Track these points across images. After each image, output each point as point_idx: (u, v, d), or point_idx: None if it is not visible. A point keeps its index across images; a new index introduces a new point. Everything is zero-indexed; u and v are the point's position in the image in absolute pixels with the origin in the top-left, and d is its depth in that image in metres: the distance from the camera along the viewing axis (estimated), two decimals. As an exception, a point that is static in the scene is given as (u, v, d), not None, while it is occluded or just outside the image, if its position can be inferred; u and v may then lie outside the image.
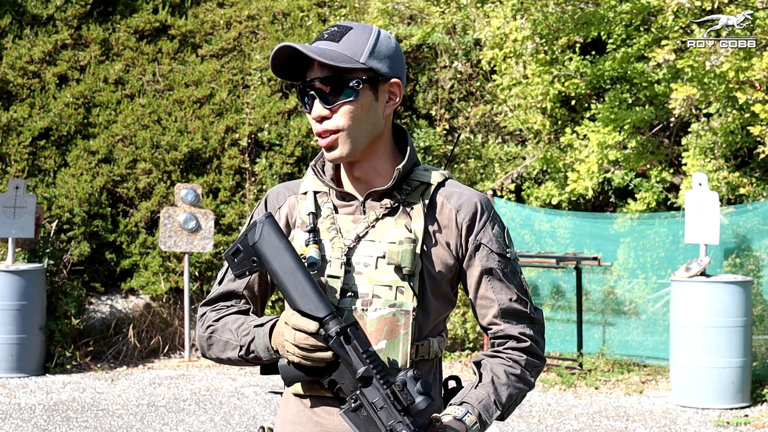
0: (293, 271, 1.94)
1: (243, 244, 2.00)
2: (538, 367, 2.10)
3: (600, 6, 8.94)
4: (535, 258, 8.61)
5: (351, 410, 1.92)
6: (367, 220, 2.04)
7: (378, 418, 1.90)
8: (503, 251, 2.07)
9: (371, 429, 1.91)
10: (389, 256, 1.99)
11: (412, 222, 2.03)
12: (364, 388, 1.91)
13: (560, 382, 8.06)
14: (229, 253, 2.02)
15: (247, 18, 10.84)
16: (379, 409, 1.90)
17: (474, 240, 2.06)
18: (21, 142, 9.63)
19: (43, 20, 10.37)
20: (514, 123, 10.12)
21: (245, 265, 2.00)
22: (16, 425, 6.68)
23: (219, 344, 2.08)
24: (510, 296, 2.07)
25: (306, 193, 2.10)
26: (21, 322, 8.21)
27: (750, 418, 7.00)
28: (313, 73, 2.00)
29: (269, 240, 1.96)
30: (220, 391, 7.82)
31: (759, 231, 8.08)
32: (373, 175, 2.07)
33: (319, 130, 2.01)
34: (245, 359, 2.04)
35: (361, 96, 2.00)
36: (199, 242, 8.89)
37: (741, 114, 8.44)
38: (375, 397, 1.91)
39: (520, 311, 2.07)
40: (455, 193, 2.08)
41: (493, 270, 2.06)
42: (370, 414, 1.91)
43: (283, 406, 2.09)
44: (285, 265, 1.95)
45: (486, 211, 2.08)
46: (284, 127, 10.05)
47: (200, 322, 2.13)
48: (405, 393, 1.89)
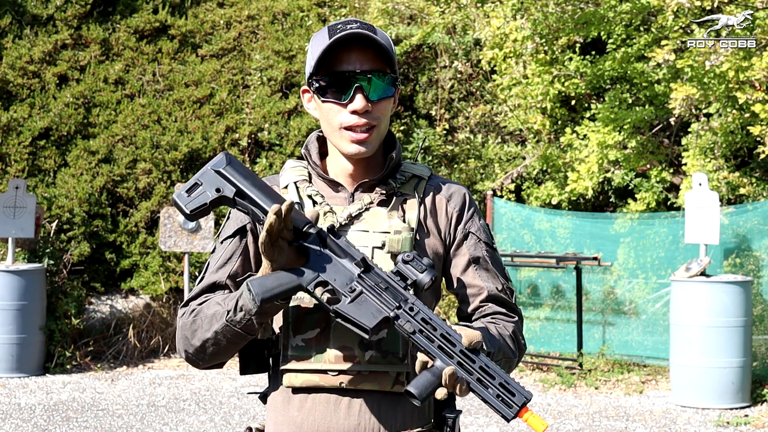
0: (265, 187, 1.89)
1: (205, 177, 1.89)
2: (521, 348, 2.07)
3: (600, 6, 8.94)
4: (535, 258, 8.61)
5: (349, 302, 1.84)
6: (362, 202, 2.04)
7: (383, 299, 1.84)
8: (490, 241, 2.11)
9: (373, 312, 1.83)
10: (389, 244, 1.98)
11: (407, 213, 2.04)
12: (364, 273, 1.86)
13: (560, 382, 8.06)
14: (183, 191, 1.90)
15: (247, 18, 10.85)
16: (383, 290, 1.85)
17: (463, 229, 2.09)
18: (21, 142, 9.63)
19: (43, 20, 10.37)
20: (514, 123, 10.12)
21: (204, 198, 1.89)
22: (16, 425, 6.68)
23: (204, 323, 1.95)
24: (497, 285, 2.09)
25: (287, 186, 2.08)
26: (21, 322, 8.21)
27: (750, 418, 6.99)
28: (361, 65, 1.98)
29: (239, 163, 1.91)
30: (220, 391, 7.82)
31: (759, 231, 8.08)
32: (364, 170, 2.08)
33: (360, 122, 1.98)
34: (231, 324, 1.90)
35: (394, 94, 2.03)
36: (199, 242, 8.89)
37: (741, 114, 8.44)
38: (377, 280, 1.86)
39: (506, 301, 2.09)
40: (444, 185, 2.12)
41: (481, 259, 2.08)
42: (372, 298, 1.84)
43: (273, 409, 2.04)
44: (259, 182, 1.90)
45: (473, 203, 2.13)
46: (284, 127, 10.05)
47: (181, 320, 2.01)
48: (415, 263, 1.85)
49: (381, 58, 1.99)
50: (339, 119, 1.99)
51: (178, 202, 1.90)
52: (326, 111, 2.02)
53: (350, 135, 1.99)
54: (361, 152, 2.00)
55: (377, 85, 1.99)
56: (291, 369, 1.98)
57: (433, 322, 1.82)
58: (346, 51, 1.98)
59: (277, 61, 10.41)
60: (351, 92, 1.97)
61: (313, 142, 2.12)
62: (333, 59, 1.99)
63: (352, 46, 1.98)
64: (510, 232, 9.23)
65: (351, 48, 1.98)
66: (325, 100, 2.00)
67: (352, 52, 1.97)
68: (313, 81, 2.02)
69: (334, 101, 1.99)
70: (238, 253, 2.05)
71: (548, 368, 8.56)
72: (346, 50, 1.98)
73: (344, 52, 1.98)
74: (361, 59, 1.98)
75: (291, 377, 1.99)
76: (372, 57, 1.98)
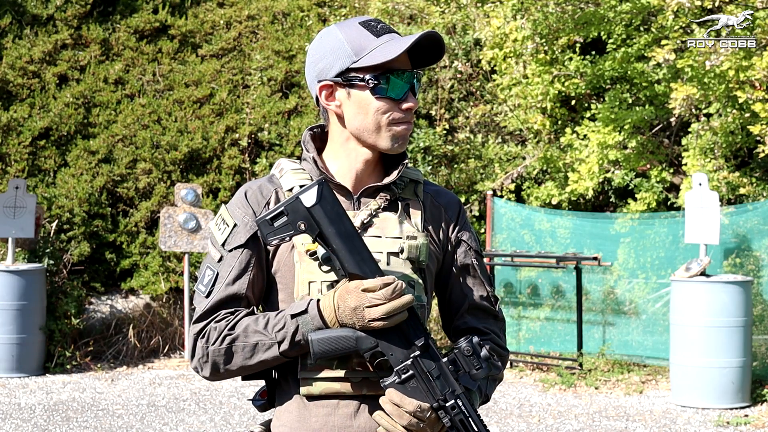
0: (352, 236, 1.89)
1: (291, 208, 1.89)
2: (501, 355, 2.12)
3: (600, 6, 8.94)
4: (535, 258, 8.61)
5: (398, 382, 1.87)
6: (369, 208, 2.03)
7: (431, 387, 1.87)
8: (479, 249, 2.15)
9: (418, 398, 1.87)
10: (408, 250, 1.99)
11: (412, 219, 2.06)
12: (421, 357, 1.88)
13: (560, 382, 8.06)
14: (267, 218, 1.90)
15: (247, 18, 10.85)
16: (434, 378, 1.88)
17: (456, 237, 2.12)
18: (21, 142, 9.63)
19: (43, 20, 10.38)
20: (514, 123, 10.12)
21: (287, 230, 1.89)
22: (16, 425, 6.68)
23: (245, 351, 1.94)
24: (481, 293, 2.12)
25: (292, 189, 2.04)
26: (21, 322, 8.21)
27: (750, 418, 6.99)
28: (409, 64, 2.03)
29: (329, 202, 1.89)
30: (220, 391, 7.82)
31: (759, 231, 8.08)
32: (370, 173, 2.07)
33: (408, 117, 2.02)
34: (286, 355, 1.93)
35: None
36: (199, 242, 8.89)
37: (741, 114, 8.44)
38: (431, 366, 1.88)
39: (487, 308, 2.13)
40: (440, 192, 2.15)
41: (469, 266, 2.12)
42: (422, 384, 1.87)
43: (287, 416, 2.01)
44: (344, 230, 1.88)
45: (464, 211, 2.16)
46: (284, 127, 10.05)
47: (203, 339, 1.98)
48: (473, 358, 1.88)
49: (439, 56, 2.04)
50: (390, 116, 2.00)
51: (262, 230, 1.92)
52: (374, 108, 2.00)
53: (395, 130, 2.01)
54: (400, 148, 2.03)
55: (419, 85, 2.05)
56: (311, 377, 1.96)
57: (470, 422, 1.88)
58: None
59: (277, 61, 10.41)
60: (407, 90, 2.01)
61: (310, 143, 2.09)
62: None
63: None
64: (510, 232, 9.23)
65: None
66: (380, 97, 1.99)
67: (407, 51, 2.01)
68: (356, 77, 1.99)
69: (389, 99, 2.00)
70: (253, 262, 2.01)
71: (548, 368, 8.56)
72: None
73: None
74: (408, 59, 2.03)
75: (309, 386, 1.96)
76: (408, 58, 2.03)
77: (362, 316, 1.86)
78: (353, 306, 1.86)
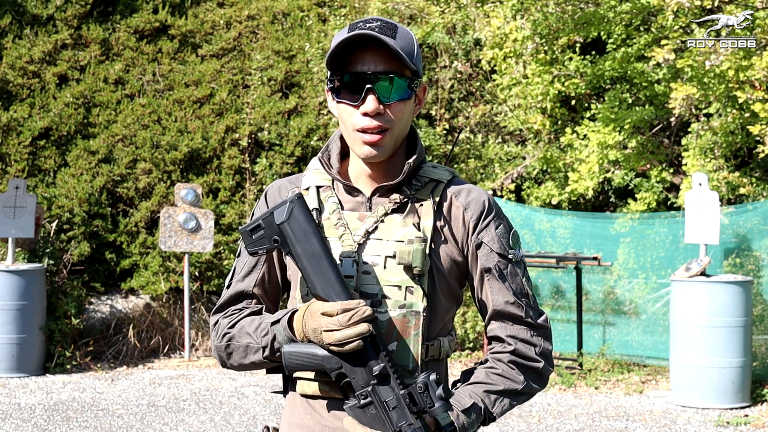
0: (318, 257, 1.88)
1: (266, 222, 1.92)
2: (528, 367, 2.02)
3: (600, 6, 8.94)
4: (535, 258, 8.61)
5: (358, 406, 1.88)
6: (376, 214, 2.00)
7: (388, 417, 1.87)
8: (505, 251, 2.03)
9: (377, 427, 1.87)
10: (399, 255, 1.95)
11: (422, 220, 2.00)
12: (379, 385, 1.87)
13: (560, 382, 8.06)
14: (247, 229, 1.93)
15: (247, 18, 10.85)
16: (391, 408, 1.87)
17: (476, 238, 2.03)
18: (21, 142, 9.63)
19: (43, 20, 10.38)
20: (514, 123, 10.12)
21: (263, 243, 1.92)
22: (16, 425, 6.68)
23: (239, 351, 2.00)
24: (506, 298, 2.03)
25: (309, 188, 2.05)
26: (21, 322, 8.22)
27: (750, 418, 6.99)
28: (375, 66, 1.93)
29: (298, 221, 1.89)
30: (220, 391, 7.82)
31: (759, 231, 8.08)
32: (384, 173, 2.04)
33: (372, 125, 1.94)
34: (271, 360, 1.97)
35: (411, 96, 1.98)
36: (199, 242, 8.89)
37: (741, 113, 8.44)
38: (388, 396, 1.87)
39: (514, 315, 2.03)
40: (463, 191, 2.05)
41: (491, 269, 2.02)
42: (380, 412, 1.87)
43: (289, 408, 2.05)
44: (311, 249, 1.88)
45: (492, 211, 2.05)
46: (284, 127, 10.05)
47: (214, 332, 2.06)
48: (425, 396, 1.85)
49: (397, 59, 1.94)
50: (352, 121, 1.95)
51: (244, 240, 1.96)
52: (341, 112, 1.98)
53: (362, 137, 1.95)
54: (373, 155, 1.96)
55: (392, 87, 1.94)
56: (304, 377, 1.99)
57: None
58: (361, 51, 1.94)
59: (277, 61, 10.41)
60: (363, 93, 1.93)
61: (336, 141, 2.08)
62: (349, 59, 1.95)
63: (367, 46, 1.94)
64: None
65: (366, 48, 1.94)
66: (339, 100, 1.97)
67: (366, 52, 1.94)
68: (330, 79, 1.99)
69: (347, 102, 1.96)
70: (263, 260, 2.06)
71: (548, 368, 8.56)
72: (362, 50, 1.94)
73: (360, 51, 1.94)
74: (376, 60, 1.94)
75: (304, 385, 1.99)
76: (387, 58, 1.94)
77: (320, 339, 1.87)
78: (313, 327, 1.88)
